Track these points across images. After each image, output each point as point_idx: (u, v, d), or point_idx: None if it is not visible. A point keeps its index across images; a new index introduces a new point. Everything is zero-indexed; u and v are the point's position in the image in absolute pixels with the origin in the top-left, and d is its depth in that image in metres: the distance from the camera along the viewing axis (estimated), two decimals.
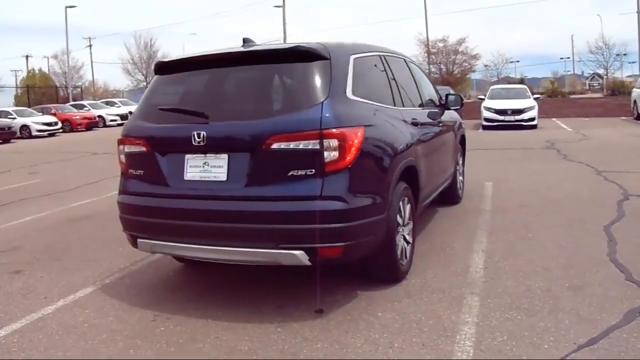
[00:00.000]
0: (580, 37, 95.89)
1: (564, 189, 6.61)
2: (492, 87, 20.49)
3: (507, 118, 16.24)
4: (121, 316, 3.33)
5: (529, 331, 2.83)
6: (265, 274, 3.92)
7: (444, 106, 5.37)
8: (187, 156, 3.23)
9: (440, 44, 38.91)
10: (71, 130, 24.23)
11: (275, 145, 2.96)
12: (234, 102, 3.30)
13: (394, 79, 4.13)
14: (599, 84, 49.50)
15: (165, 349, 2.87)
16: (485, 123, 16.75)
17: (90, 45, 52.92)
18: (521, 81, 33.81)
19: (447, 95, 5.52)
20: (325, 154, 2.92)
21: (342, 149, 2.93)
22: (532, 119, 16.34)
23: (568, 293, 3.30)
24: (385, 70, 4.02)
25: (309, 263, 3.00)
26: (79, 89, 44.25)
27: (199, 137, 3.11)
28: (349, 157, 2.96)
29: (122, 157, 3.55)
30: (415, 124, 4.10)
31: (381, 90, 3.80)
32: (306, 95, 3.09)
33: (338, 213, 2.94)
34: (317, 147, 2.93)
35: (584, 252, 4.08)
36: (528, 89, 19.25)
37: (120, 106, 30.75)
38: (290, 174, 2.96)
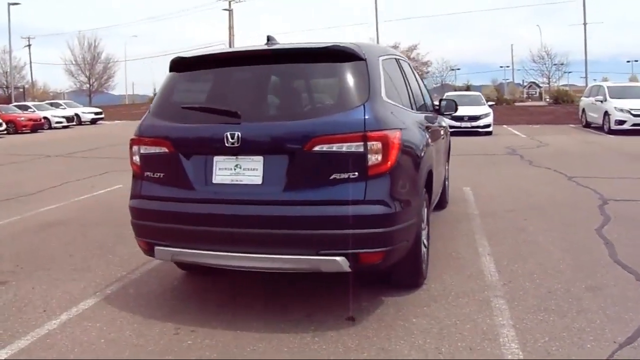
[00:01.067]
0: (521, 46, 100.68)
1: (543, 194, 6.87)
2: (447, 93, 21.15)
3: (463, 124, 16.65)
4: (139, 330, 3.11)
5: (567, 332, 2.88)
6: (280, 281, 3.79)
7: (438, 111, 5.45)
8: (216, 158, 3.05)
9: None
10: (15, 132, 22.71)
11: (317, 148, 2.86)
12: (269, 102, 3.16)
13: (408, 82, 4.13)
14: (535, 92, 52.20)
15: None
16: None
17: (29, 45, 50.23)
18: (467, 89, 35.02)
19: (440, 100, 5.60)
20: (369, 157, 2.86)
21: (385, 152, 2.88)
22: (488, 126, 16.95)
23: (588, 294, 3.40)
24: (401, 73, 4.01)
25: (349, 269, 2.91)
26: (21, 90, 41.71)
27: (232, 137, 2.95)
28: (391, 161, 2.90)
29: (137, 158, 3.31)
30: (426, 128, 4.12)
31: (402, 93, 3.77)
32: (347, 96, 3.02)
33: (381, 217, 2.88)
34: (361, 149, 2.86)
35: (586, 254, 4.23)
36: (482, 96, 20.03)
37: (65, 108, 29.20)
38: (332, 177, 2.87)
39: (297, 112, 3.08)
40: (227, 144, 2.96)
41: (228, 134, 2.96)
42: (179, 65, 3.40)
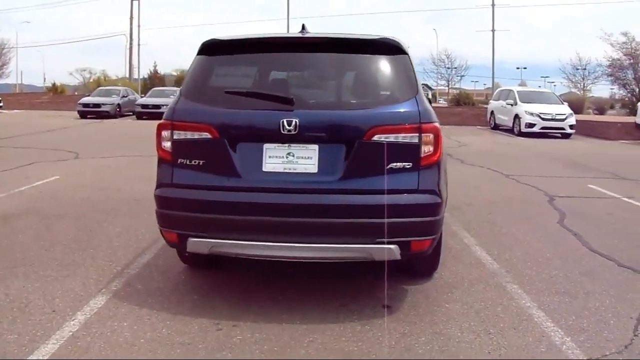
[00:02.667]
0: (419, 50, 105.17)
1: (491, 190, 7.40)
2: None
3: None
4: (175, 327, 2.92)
5: (587, 311, 3.19)
6: (294, 274, 3.75)
7: None
8: (267, 145, 2.95)
9: None
10: None
11: (376, 137, 2.89)
12: (322, 91, 3.11)
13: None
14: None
15: (270, 357, 2.63)
16: None
17: None
18: None
19: None
20: (423, 147, 2.95)
21: (435, 143, 2.98)
22: None
23: (585, 278, 3.77)
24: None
25: (399, 257, 2.99)
26: None
27: (289, 125, 2.87)
28: (439, 152, 3.01)
29: (167, 144, 3.09)
30: None
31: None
32: (400, 88, 3.08)
33: (432, 206, 2.99)
34: (416, 140, 2.94)
35: (563, 245, 4.66)
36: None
37: None
38: (388, 167, 2.91)
39: (353, 101, 3.08)
40: (282, 131, 2.89)
41: (284, 120, 2.88)
42: (213, 48, 3.24)
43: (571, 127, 16.79)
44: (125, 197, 6.41)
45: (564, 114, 16.86)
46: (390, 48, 3.15)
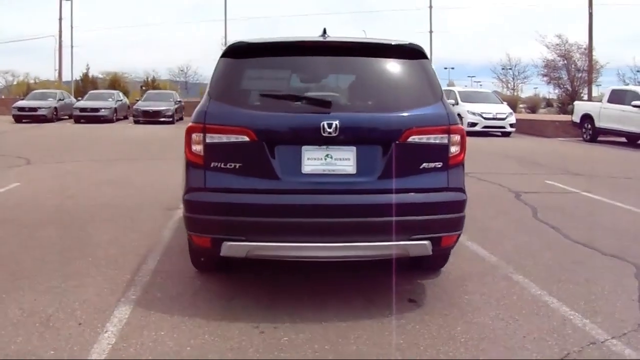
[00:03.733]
0: None
1: None
2: None
3: None
4: (216, 333, 2.88)
5: (594, 295, 3.46)
6: (310, 272, 3.79)
7: None
8: (305, 147, 2.98)
9: None
10: None
11: (411, 139, 3.01)
12: (356, 94, 3.17)
13: None
14: None
15: (324, 356, 2.67)
16: None
17: None
18: None
19: None
20: (451, 148, 3.10)
21: (461, 144, 3.15)
22: None
23: (578, 267, 4.08)
24: None
25: (430, 253, 3.12)
26: None
27: (329, 127, 2.93)
28: (464, 152, 3.18)
29: (198, 147, 3.04)
30: None
31: None
32: (427, 91, 3.21)
33: (460, 203, 3.14)
34: (445, 141, 3.09)
35: (545, 237, 4.98)
36: None
37: None
38: (422, 166, 3.05)
39: (386, 104, 3.16)
40: (323, 134, 2.93)
41: (325, 123, 2.93)
42: (241, 50, 3.23)
43: (511, 125, 17.75)
44: (98, 204, 6.16)
45: (505, 113, 17.79)
46: (415, 53, 3.28)
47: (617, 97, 14.99)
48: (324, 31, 3.46)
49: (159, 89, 32.83)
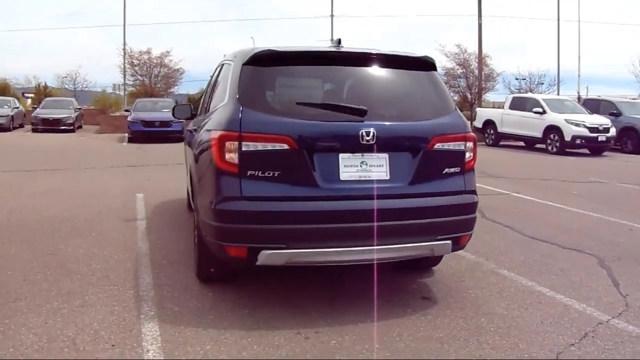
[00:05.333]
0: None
1: None
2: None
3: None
4: (263, 343, 2.85)
5: (576, 284, 3.88)
6: (318, 276, 3.86)
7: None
8: (342, 155, 3.06)
9: (146, 56, 37.67)
10: None
11: (437, 146, 3.22)
12: (385, 103, 3.27)
13: None
14: None
15: (379, 355, 2.75)
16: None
17: None
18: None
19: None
20: (466, 153, 3.35)
21: (474, 150, 3.42)
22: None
23: (549, 260, 4.53)
24: None
25: (450, 251, 3.34)
26: None
27: (367, 135, 3.04)
28: (475, 157, 3.45)
29: (232, 156, 2.99)
30: None
31: None
32: (444, 101, 3.44)
33: (474, 205, 3.41)
34: (462, 147, 3.33)
35: (505, 235, 5.41)
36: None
37: None
38: (444, 171, 3.26)
39: (413, 113, 3.33)
40: (361, 141, 3.03)
41: (364, 131, 3.03)
42: (268, 58, 3.23)
43: None
44: (49, 217, 5.70)
45: None
46: (429, 65, 3.50)
47: (518, 104, 16.58)
48: (339, 41, 3.57)
49: (52, 96, 30.43)
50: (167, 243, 4.82)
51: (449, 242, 3.27)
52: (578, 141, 14.29)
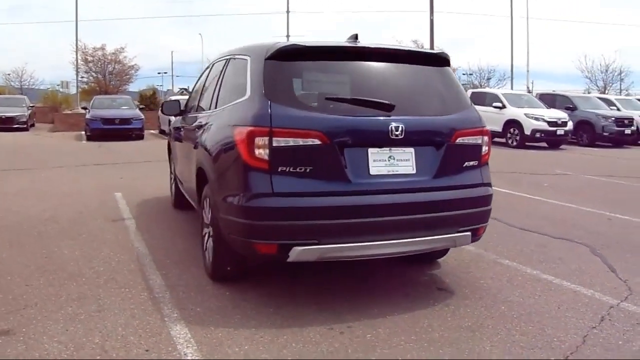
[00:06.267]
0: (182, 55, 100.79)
1: None
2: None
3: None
4: (300, 340, 2.82)
5: (578, 271, 4.05)
6: (329, 274, 3.85)
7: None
8: (371, 150, 3.06)
9: (100, 52, 36.31)
10: None
11: (458, 140, 3.28)
12: (404, 97, 3.28)
13: None
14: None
15: (417, 345, 2.79)
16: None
17: None
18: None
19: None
20: (483, 148, 3.43)
21: (489, 144, 3.50)
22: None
23: (544, 249, 4.71)
24: None
25: (470, 242, 3.41)
26: None
27: (396, 130, 3.05)
28: (490, 151, 3.53)
29: (262, 151, 2.93)
30: None
31: None
32: (461, 96, 3.51)
33: (490, 197, 3.49)
34: (479, 141, 3.41)
35: (496, 227, 5.44)
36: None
37: None
38: (464, 165, 3.33)
39: (437, 108, 3.36)
40: (390, 136, 3.05)
41: (393, 126, 3.05)
42: (294, 53, 3.19)
43: None
44: (31, 217, 5.45)
45: None
46: (446, 61, 3.55)
47: (477, 98, 17.00)
48: (356, 37, 3.56)
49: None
50: (163, 243, 4.68)
51: (469, 233, 3.35)
52: (538, 135, 14.91)
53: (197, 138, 4.00)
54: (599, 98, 18.88)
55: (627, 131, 16.07)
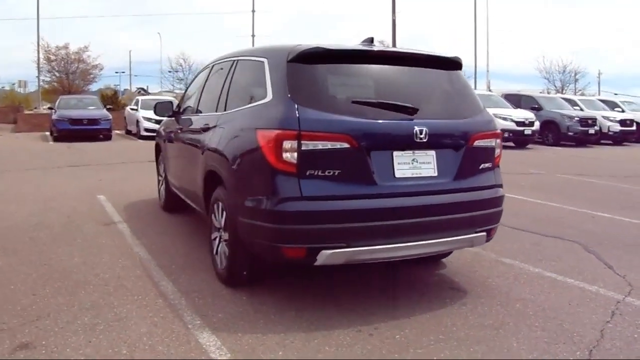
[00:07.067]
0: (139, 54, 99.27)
1: None
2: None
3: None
4: (330, 343, 2.81)
5: (577, 268, 4.19)
6: (341, 276, 3.86)
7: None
8: (396, 153, 3.09)
9: (63, 51, 35.08)
10: None
11: (476, 143, 3.35)
12: (429, 101, 3.31)
13: None
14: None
15: (448, 344, 2.83)
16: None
17: None
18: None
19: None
20: (496, 150, 3.52)
21: (500, 146, 3.58)
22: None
23: (539, 247, 4.85)
24: None
25: (485, 243, 3.49)
26: None
27: (421, 133, 3.10)
28: (501, 153, 3.62)
29: (290, 155, 2.91)
30: None
31: None
32: (476, 99, 3.58)
33: (502, 198, 3.57)
34: (493, 144, 3.50)
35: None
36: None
37: None
38: (480, 167, 3.40)
39: (455, 112, 3.41)
40: (415, 139, 3.08)
41: (417, 129, 3.08)
42: (316, 56, 3.17)
43: None
44: (19, 222, 5.26)
45: None
46: (459, 65, 3.62)
47: None
48: (371, 40, 3.58)
49: None
50: (163, 247, 4.57)
51: (484, 234, 3.43)
52: (506, 134, 15.27)
53: (204, 140, 3.92)
54: (563, 98, 19.65)
55: (591, 131, 16.80)
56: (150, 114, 17.12)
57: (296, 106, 3.00)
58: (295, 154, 2.92)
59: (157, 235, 4.95)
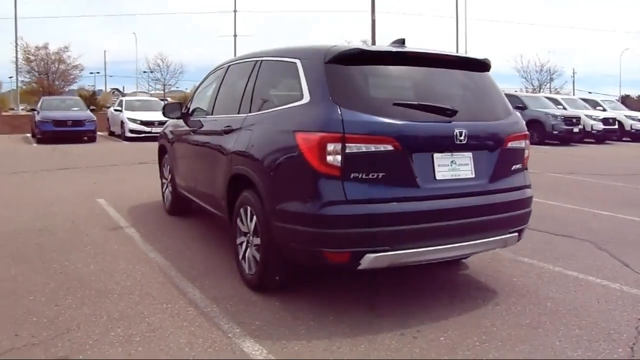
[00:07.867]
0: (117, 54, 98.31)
1: None
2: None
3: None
4: (378, 348, 2.78)
5: (595, 266, 4.25)
6: (368, 279, 3.84)
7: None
8: (436, 155, 3.08)
9: (43, 52, 34.25)
10: None
11: (509, 144, 3.37)
12: (465, 103, 3.33)
13: None
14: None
15: (492, 345, 2.83)
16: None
17: None
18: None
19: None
20: (526, 151, 3.55)
21: (528, 148, 3.61)
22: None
23: (552, 246, 4.89)
24: None
25: (516, 243, 3.51)
26: None
27: (460, 135, 3.10)
28: (529, 154, 3.64)
29: (334, 158, 2.86)
30: None
31: None
32: (505, 101, 3.60)
33: (531, 199, 3.60)
34: (523, 145, 3.53)
35: None
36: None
37: None
38: (513, 168, 3.42)
39: (490, 113, 3.42)
40: (455, 141, 3.08)
41: (457, 131, 3.08)
42: (355, 57, 3.14)
43: None
44: (22, 228, 5.10)
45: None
46: (489, 67, 3.64)
47: None
48: (403, 41, 3.56)
49: None
50: (179, 252, 4.47)
51: (516, 234, 3.45)
52: None
53: (228, 143, 3.83)
54: (547, 97, 20.01)
55: (575, 130, 17.15)
56: (135, 115, 17.01)
57: (339, 108, 2.95)
58: (339, 157, 2.88)
59: (170, 240, 4.84)
